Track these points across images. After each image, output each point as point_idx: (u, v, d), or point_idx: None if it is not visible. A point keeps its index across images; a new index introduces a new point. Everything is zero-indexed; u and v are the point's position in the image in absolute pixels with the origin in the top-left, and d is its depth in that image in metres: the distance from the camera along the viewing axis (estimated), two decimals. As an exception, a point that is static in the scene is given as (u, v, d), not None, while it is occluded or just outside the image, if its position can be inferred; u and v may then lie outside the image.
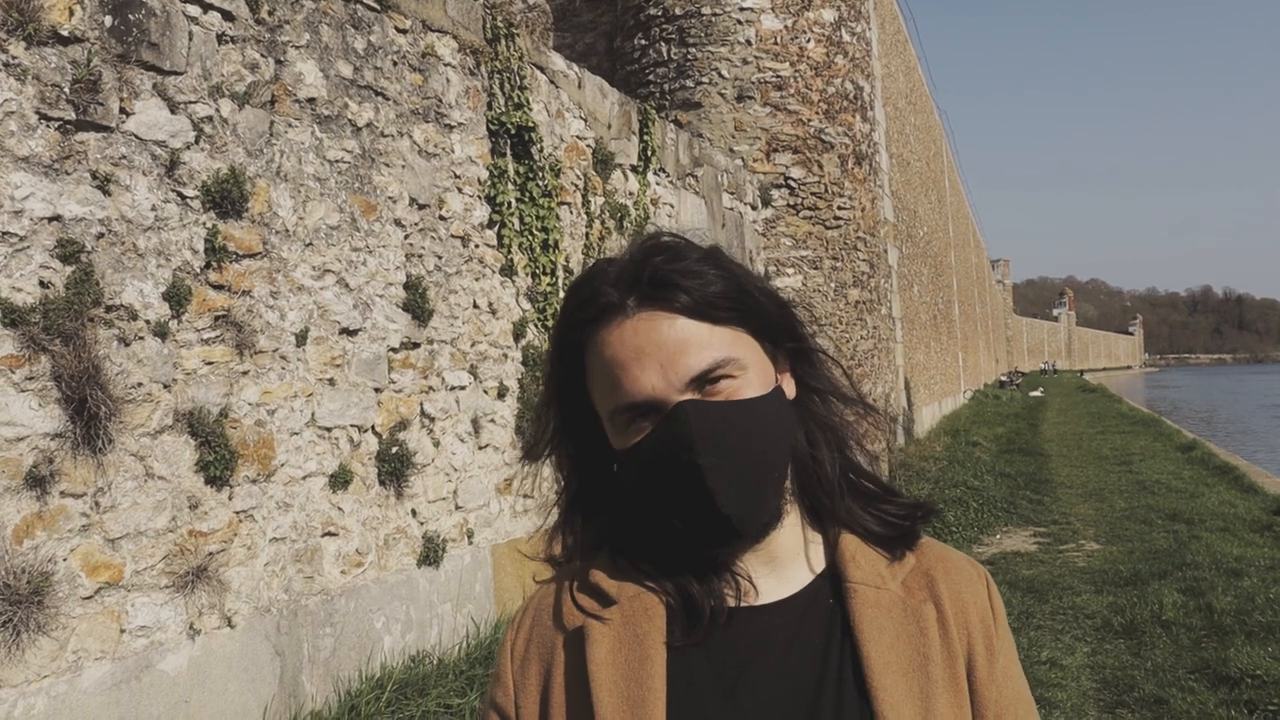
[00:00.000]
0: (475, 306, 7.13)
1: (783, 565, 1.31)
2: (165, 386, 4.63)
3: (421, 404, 6.47)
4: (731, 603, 1.28)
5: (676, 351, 1.22)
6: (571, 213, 8.46)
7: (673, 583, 1.29)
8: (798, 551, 1.33)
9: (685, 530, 1.25)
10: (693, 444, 1.19)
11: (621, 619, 1.27)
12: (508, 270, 7.52)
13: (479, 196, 7.27)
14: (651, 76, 13.74)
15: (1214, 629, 7.52)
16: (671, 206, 10.46)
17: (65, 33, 4.22)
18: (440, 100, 6.87)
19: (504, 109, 7.53)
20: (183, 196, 4.79)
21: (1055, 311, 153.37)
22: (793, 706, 1.22)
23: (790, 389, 1.33)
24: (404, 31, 6.52)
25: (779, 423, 1.27)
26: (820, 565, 1.33)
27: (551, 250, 7.95)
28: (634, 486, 1.27)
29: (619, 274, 1.27)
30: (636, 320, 1.24)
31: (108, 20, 4.44)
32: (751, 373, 1.25)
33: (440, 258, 6.76)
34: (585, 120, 8.82)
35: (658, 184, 10.26)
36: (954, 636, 1.27)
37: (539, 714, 1.28)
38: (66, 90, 4.23)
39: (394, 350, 6.23)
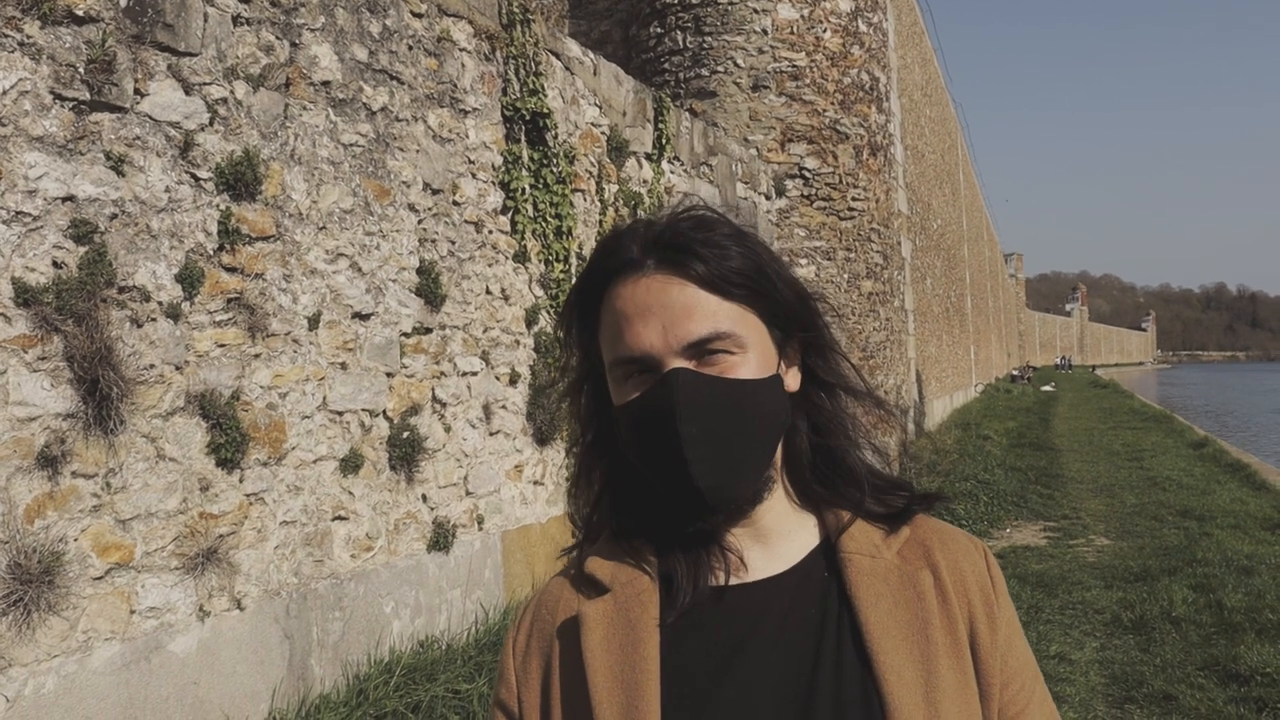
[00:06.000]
0: (488, 292, 7.12)
1: (773, 543, 1.32)
2: (177, 368, 4.63)
3: (433, 389, 6.47)
4: (724, 579, 1.29)
5: (681, 315, 1.24)
6: (585, 200, 8.44)
7: (663, 561, 1.31)
8: (788, 530, 1.33)
9: (665, 496, 1.28)
10: (676, 411, 1.21)
11: (615, 605, 1.28)
12: (521, 256, 7.51)
13: (493, 182, 7.26)
14: (667, 65, 13.70)
15: (1224, 626, 7.48)
16: (685, 195, 10.43)
17: (80, 12, 4.21)
18: (455, 85, 6.85)
19: (519, 95, 7.51)
20: (196, 178, 4.79)
21: (1068, 306, 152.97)
22: (791, 676, 1.22)
23: (795, 380, 1.34)
24: (419, 16, 6.50)
25: (770, 408, 1.28)
26: (814, 543, 1.34)
27: (565, 237, 7.93)
28: (625, 445, 1.30)
29: (646, 233, 1.30)
30: (650, 279, 1.26)
31: (123, 0, 4.43)
32: (751, 354, 1.26)
33: (453, 243, 6.75)
34: (600, 107, 8.79)
35: (672, 172, 10.23)
36: (953, 603, 1.28)
37: (540, 706, 1.29)
38: (81, 70, 4.22)
39: (406, 335, 6.23)
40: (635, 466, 1.31)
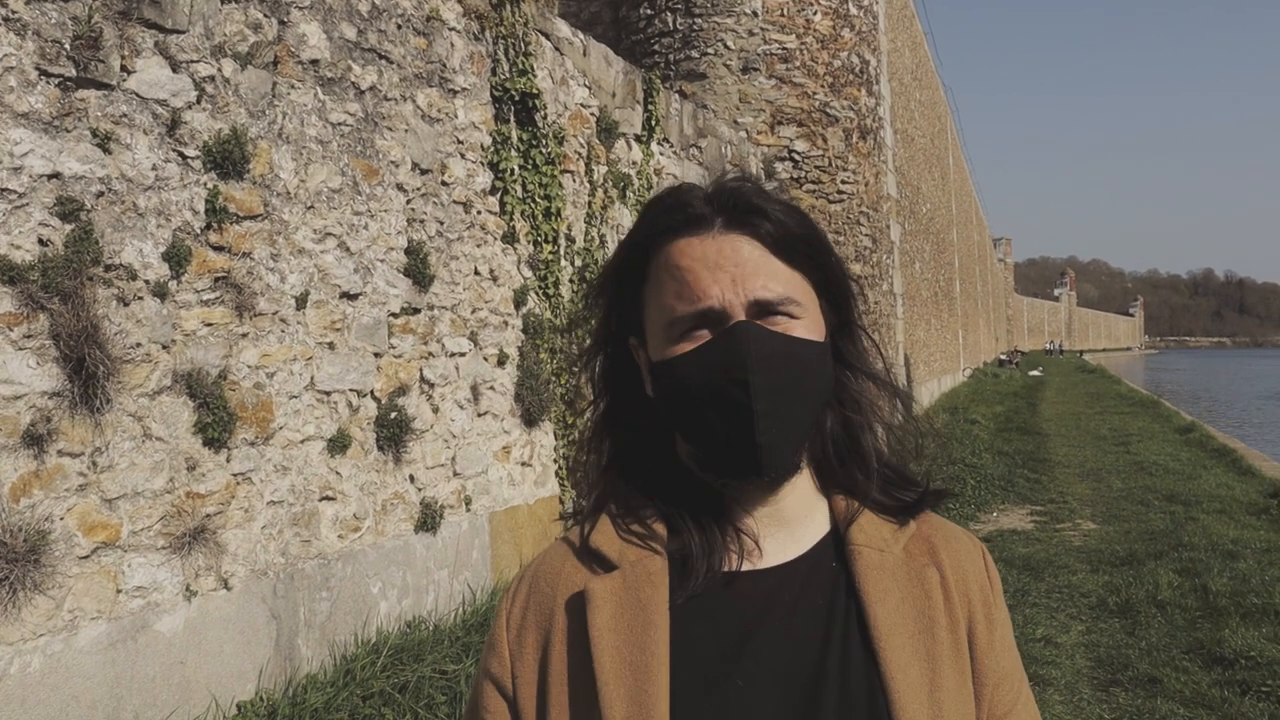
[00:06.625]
0: (476, 273, 7.10)
1: (790, 526, 1.30)
2: (164, 347, 4.61)
3: (421, 370, 6.45)
4: (736, 564, 1.27)
5: (752, 273, 1.23)
6: (574, 181, 8.42)
7: (675, 539, 1.28)
8: (806, 514, 1.32)
9: (705, 457, 1.26)
10: (747, 361, 1.20)
11: (624, 584, 1.25)
12: (510, 237, 7.48)
13: (482, 163, 7.23)
14: (656, 46, 13.66)
15: (1209, 610, 7.52)
16: (675, 177, 10.40)
17: (66, -13, 4.18)
18: (444, 65, 6.81)
19: (508, 75, 7.47)
20: (184, 156, 4.75)
21: (1056, 291, 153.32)
22: (797, 668, 1.21)
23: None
24: (409, -6, 6.45)
25: (823, 374, 1.28)
26: (825, 530, 1.33)
27: (554, 218, 7.91)
28: (670, 399, 1.27)
29: (708, 194, 1.29)
30: (720, 238, 1.25)
31: (109, -24, 4.39)
32: (809, 320, 1.27)
33: (442, 223, 6.72)
34: (589, 88, 8.76)
35: (661, 154, 10.20)
36: (956, 603, 1.28)
37: (537, 682, 1.26)
38: (67, 47, 4.18)
39: (394, 315, 6.21)
40: (668, 424, 1.29)
